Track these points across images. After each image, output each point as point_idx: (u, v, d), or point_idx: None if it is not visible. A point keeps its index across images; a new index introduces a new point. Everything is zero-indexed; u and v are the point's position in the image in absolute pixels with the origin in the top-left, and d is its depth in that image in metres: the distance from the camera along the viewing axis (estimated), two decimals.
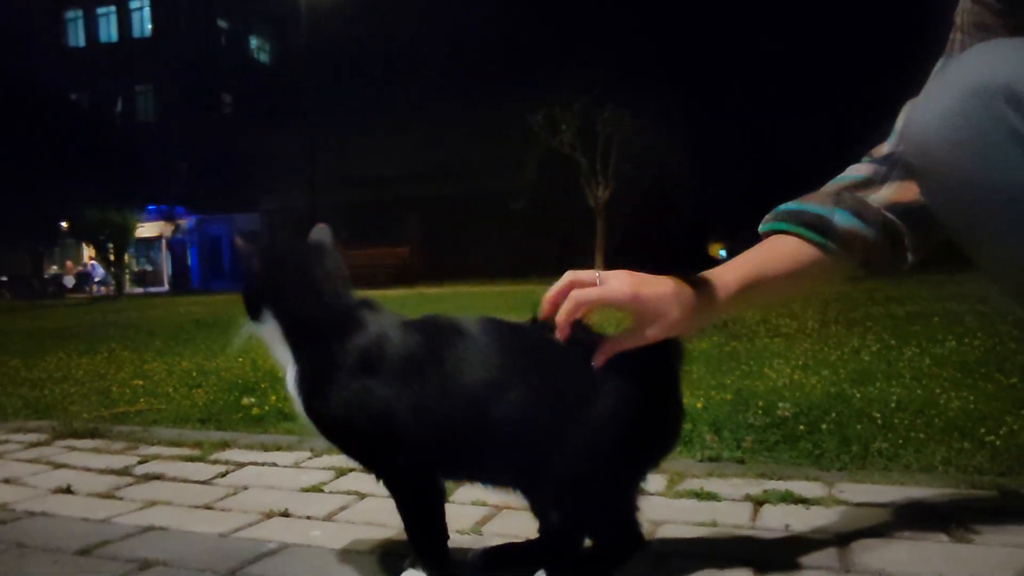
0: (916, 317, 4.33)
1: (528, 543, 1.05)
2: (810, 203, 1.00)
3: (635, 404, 0.90)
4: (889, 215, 0.98)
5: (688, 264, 1.00)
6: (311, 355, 0.92)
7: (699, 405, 1.97)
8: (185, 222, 29.39)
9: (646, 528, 1.20)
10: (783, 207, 1.02)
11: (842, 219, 0.97)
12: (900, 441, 1.64)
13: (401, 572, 0.98)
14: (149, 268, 31.36)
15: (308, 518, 1.33)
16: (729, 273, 0.96)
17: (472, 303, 8.47)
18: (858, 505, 1.28)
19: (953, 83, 0.81)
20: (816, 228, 0.98)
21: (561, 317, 0.90)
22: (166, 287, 28.80)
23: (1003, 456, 1.51)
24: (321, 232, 1.01)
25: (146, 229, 26.96)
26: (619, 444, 0.90)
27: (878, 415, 1.83)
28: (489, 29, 23.20)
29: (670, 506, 1.32)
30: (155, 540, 1.23)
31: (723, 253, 32.61)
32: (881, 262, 1.00)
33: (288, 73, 27.98)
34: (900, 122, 1.00)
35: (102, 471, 1.72)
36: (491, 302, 8.01)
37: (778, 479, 1.44)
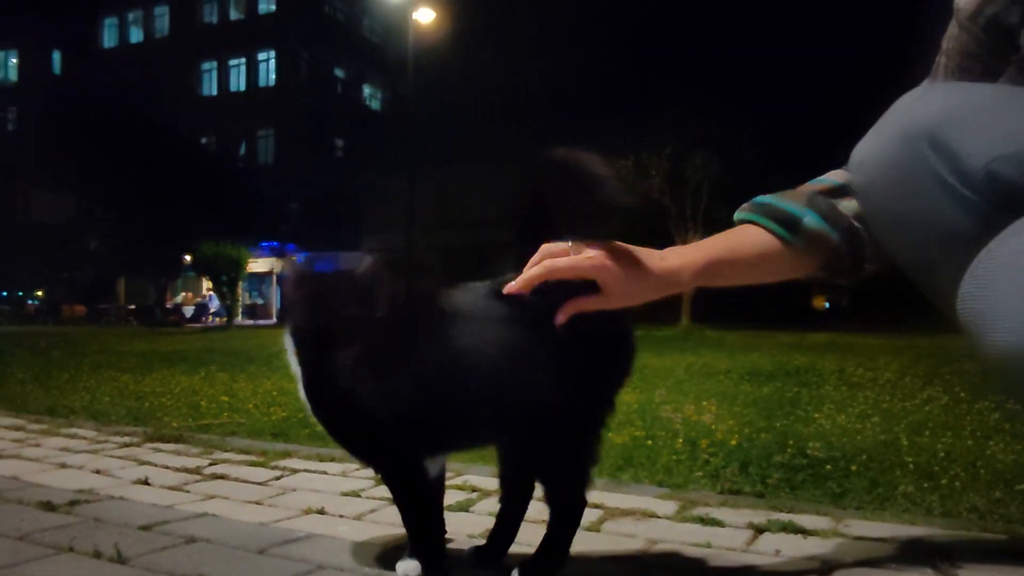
0: None
1: (497, 527, 1.15)
2: (785, 200, 1.05)
3: (588, 354, 1.00)
4: (856, 224, 1.03)
5: None
6: (311, 365, 1.08)
7: (733, 442, 2.00)
8: (295, 259, 30.97)
9: (642, 544, 1.28)
10: (760, 200, 1.08)
11: (811, 220, 1.02)
12: (926, 486, 1.63)
13: (399, 561, 1.10)
14: (260, 301, 33.10)
15: (340, 516, 1.47)
16: (697, 252, 1.03)
17: None
18: (856, 539, 1.30)
19: (886, 129, 0.89)
20: (786, 225, 1.03)
21: (523, 279, 0.98)
22: (274, 320, 30.30)
23: None
24: (358, 259, 1.17)
25: (258, 264, 28.62)
26: (575, 389, 1.00)
27: (910, 460, 1.82)
28: (584, 79, 23.73)
29: (672, 528, 1.38)
30: (206, 524, 1.41)
31: (828, 305, 31.40)
32: (839, 266, 1.05)
33: (396, 119, 29.44)
34: None
35: (177, 469, 1.93)
36: None
37: (788, 512, 1.47)
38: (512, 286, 1.00)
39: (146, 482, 1.77)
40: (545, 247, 1.00)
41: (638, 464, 1.90)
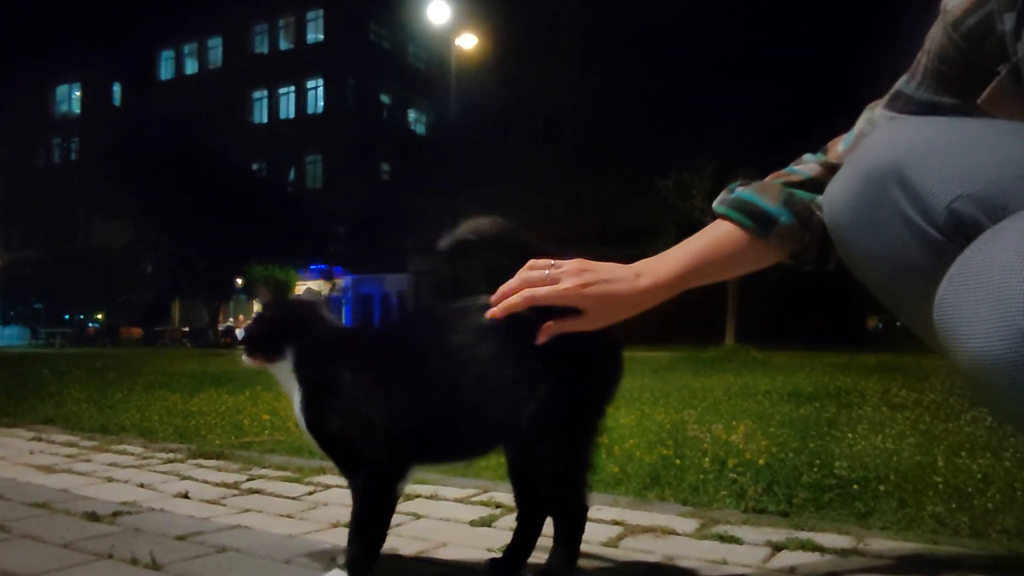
0: None
1: (514, 542, 1.18)
2: (763, 197, 1.08)
3: (576, 364, 1.04)
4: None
5: None
6: (309, 383, 1.13)
7: (761, 462, 1.99)
8: (342, 281, 31.50)
9: (658, 560, 1.30)
10: (739, 193, 1.10)
11: (787, 219, 1.05)
12: (956, 507, 1.60)
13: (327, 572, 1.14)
14: None
15: None
16: (671, 264, 1.07)
17: None
18: (873, 556, 1.30)
19: (854, 168, 0.91)
20: (762, 222, 1.06)
21: (502, 307, 1.02)
22: None
23: None
24: (311, 293, 1.24)
25: (307, 286, 29.15)
26: (568, 402, 1.03)
27: (943, 481, 1.79)
28: (628, 101, 23.84)
29: (690, 545, 1.39)
30: (238, 535, 1.47)
31: (880, 325, 30.53)
32: (807, 258, 1.08)
33: (440, 142, 29.95)
34: (858, 126, 1.07)
35: (216, 484, 2.01)
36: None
37: (809, 530, 1.47)
38: (492, 312, 1.04)
39: (186, 496, 1.85)
40: (527, 264, 1.05)
41: (665, 483, 1.90)
